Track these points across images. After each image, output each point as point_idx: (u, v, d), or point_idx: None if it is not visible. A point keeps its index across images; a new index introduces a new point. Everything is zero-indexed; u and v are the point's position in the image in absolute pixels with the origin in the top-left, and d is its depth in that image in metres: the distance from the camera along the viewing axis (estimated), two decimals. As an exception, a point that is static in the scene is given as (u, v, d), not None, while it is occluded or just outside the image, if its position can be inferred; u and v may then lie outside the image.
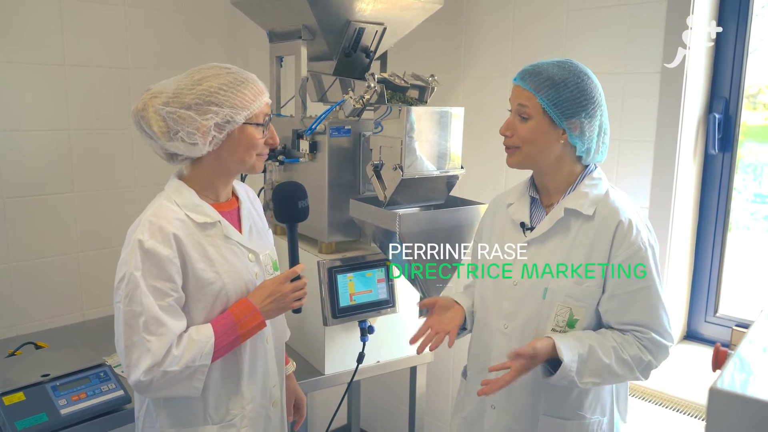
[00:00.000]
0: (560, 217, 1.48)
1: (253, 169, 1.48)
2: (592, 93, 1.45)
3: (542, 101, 1.43)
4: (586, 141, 1.47)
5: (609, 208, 1.46)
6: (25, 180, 2.17)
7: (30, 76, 2.15)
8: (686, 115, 2.07)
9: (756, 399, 0.66)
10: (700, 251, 2.25)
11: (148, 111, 1.37)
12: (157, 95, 1.38)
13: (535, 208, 1.57)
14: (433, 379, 2.46)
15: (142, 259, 1.33)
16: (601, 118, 1.48)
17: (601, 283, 1.45)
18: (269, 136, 1.47)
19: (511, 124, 1.50)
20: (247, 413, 1.50)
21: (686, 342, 2.29)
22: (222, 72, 1.40)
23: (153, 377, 1.32)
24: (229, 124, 1.38)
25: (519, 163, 1.52)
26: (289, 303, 1.50)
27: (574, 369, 1.38)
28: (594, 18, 2.20)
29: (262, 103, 1.42)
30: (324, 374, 2.05)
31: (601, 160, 1.54)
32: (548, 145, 1.47)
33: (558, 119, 1.43)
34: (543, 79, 1.44)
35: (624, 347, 1.43)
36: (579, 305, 1.46)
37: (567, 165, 1.51)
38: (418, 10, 2.16)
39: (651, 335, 1.44)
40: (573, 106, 1.43)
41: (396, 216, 1.80)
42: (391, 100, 1.92)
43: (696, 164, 2.18)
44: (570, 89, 1.43)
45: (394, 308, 2.08)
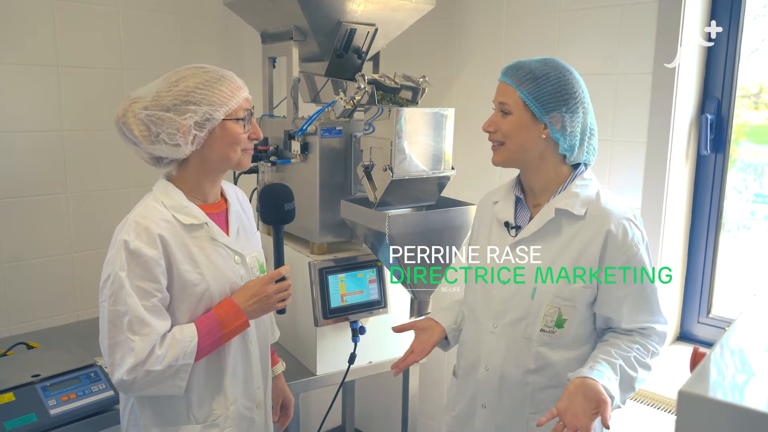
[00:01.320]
0: (551, 218, 1.48)
1: (240, 165, 1.48)
2: (574, 88, 1.46)
3: (523, 95, 1.44)
4: (568, 137, 1.46)
5: (600, 210, 1.46)
6: (18, 181, 2.17)
7: (23, 77, 2.15)
8: (678, 115, 2.06)
9: (723, 402, 0.67)
10: (693, 252, 2.25)
11: (128, 117, 1.38)
12: (136, 100, 1.39)
13: (519, 207, 1.57)
14: (426, 379, 2.46)
15: (128, 260, 1.33)
16: (585, 117, 1.48)
17: (592, 284, 1.45)
18: (252, 131, 1.47)
19: (493, 120, 1.51)
20: (230, 414, 1.51)
21: (679, 343, 2.29)
22: (198, 72, 1.40)
23: (136, 376, 1.33)
24: (209, 121, 1.38)
25: (504, 160, 1.52)
26: (273, 304, 1.51)
27: (617, 398, 1.37)
28: (586, 18, 2.20)
29: (240, 98, 1.42)
30: (316, 375, 2.06)
31: (589, 160, 1.54)
32: (530, 141, 1.47)
33: (539, 113, 1.44)
34: (524, 73, 1.45)
35: (640, 351, 1.46)
36: (567, 305, 1.46)
37: (551, 164, 1.51)
38: (409, 11, 2.16)
39: (654, 329, 1.48)
40: (553, 100, 1.43)
41: (385, 217, 1.80)
42: (382, 101, 1.92)
43: (689, 165, 2.17)
44: (551, 83, 1.43)
45: (386, 309, 2.09)
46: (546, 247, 1.49)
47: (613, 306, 1.47)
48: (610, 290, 1.46)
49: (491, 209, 1.62)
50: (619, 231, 1.44)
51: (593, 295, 1.47)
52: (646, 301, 1.48)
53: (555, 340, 1.47)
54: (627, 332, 1.49)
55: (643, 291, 1.47)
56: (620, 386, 1.40)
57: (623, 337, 1.48)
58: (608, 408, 1.30)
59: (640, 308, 1.47)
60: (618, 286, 1.45)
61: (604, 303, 1.47)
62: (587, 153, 1.52)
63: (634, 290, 1.46)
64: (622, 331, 1.49)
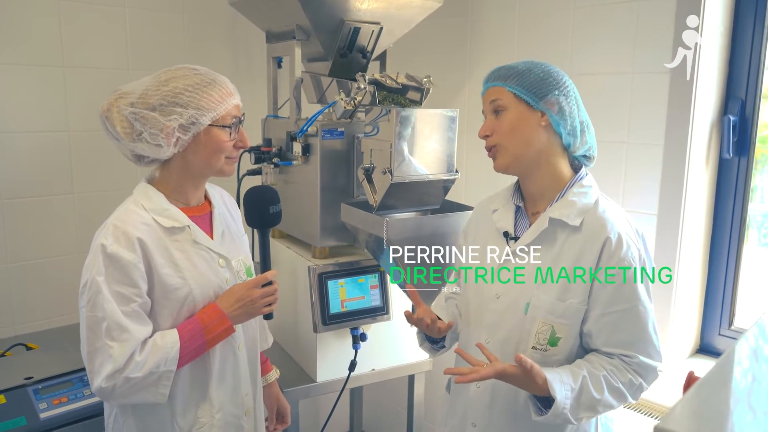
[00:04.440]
0: (545, 228, 1.40)
1: (222, 172, 1.44)
2: (560, 75, 1.42)
3: (513, 89, 1.39)
4: (568, 119, 1.39)
5: (597, 220, 1.38)
6: (23, 181, 2.17)
7: (29, 77, 2.15)
8: (698, 117, 1.95)
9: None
10: (714, 260, 2.13)
11: (112, 111, 1.35)
12: (123, 96, 1.36)
13: (519, 216, 1.50)
14: (432, 385, 2.39)
15: (105, 264, 1.30)
16: (578, 107, 1.42)
17: (585, 299, 1.37)
18: (238, 139, 1.43)
19: (488, 124, 1.44)
20: (216, 422, 1.47)
21: (699, 356, 2.17)
22: (189, 73, 1.37)
23: (115, 384, 1.30)
24: (194, 125, 1.35)
25: (506, 163, 1.44)
26: (259, 308, 1.47)
27: (567, 406, 1.30)
28: (601, 15, 2.10)
29: (229, 105, 1.38)
30: (316, 381, 2.01)
31: (591, 154, 1.47)
32: (531, 133, 1.40)
33: (533, 101, 1.38)
34: (506, 71, 1.41)
35: (614, 374, 1.35)
36: (561, 323, 1.37)
37: (554, 161, 1.43)
38: (416, 8, 2.10)
39: (639, 359, 1.36)
40: (544, 85, 1.38)
41: (383, 221, 1.74)
42: (384, 101, 1.86)
43: (709, 169, 2.06)
44: (536, 73, 1.39)
45: (388, 315, 2.03)
46: (540, 257, 1.41)
47: (595, 321, 1.37)
48: (596, 305, 1.36)
49: (489, 216, 1.55)
50: (614, 242, 1.35)
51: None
52: (633, 325, 1.36)
53: (547, 359, 1.38)
54: (608, 355, 1.38)
55: (631, 314, 1.35)
56: (579, 400, 1.31)
57: (603, 358, 1.38)
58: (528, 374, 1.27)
59: (623, 329, 1.36)
60: (603, 300, 1.35)
61: (588, 317, 1.37)
62: (587, 144, 1.44)
63: (620, 309, 1.35)
64: (603, 353, 1.39)
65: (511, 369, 1.30)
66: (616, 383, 1.34)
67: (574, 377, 1.32)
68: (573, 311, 1.37)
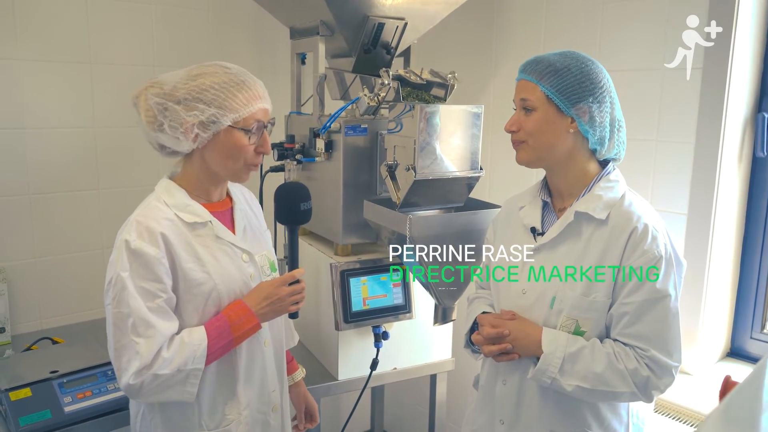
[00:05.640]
0: (570, 221, 1.38)
1: (237, 177, 1.43)
2: (599, 77, 1.36)
3: (546, 89, 1.34)
4: (598, 129, 1.36)
5: (624, 213, 1.35)
6: (50, 177, 2.20)
7: (56, 74, 2.17)
8: (731, 114, 1.90)
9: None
10: (747, 261, 2.08)
11: (140, 99, 1.36)
12: (155, 85, 1.36)
13: (547, 212, 1.48)
14: (454, 385, 2.37)
15: (129, 260, 1.30)
16: (613, 108, 1.38)
17: (610, 293, 1.34)
18: (260, 144, 1.40)
19: (515, 119, 1.41)
20: (243, 419, 1.46)
21: (729, 359, 2.12)
22: (220, 71, 1.36)
23: (143, 380, 1.29)
24: (214, 124, 1.34)
25: (528, 159, 1.42)
26: (286, 307, 1.46)
27: (557, 366, 1.30)
28: (631, 9, 2.06)
29: (254, 108, 1.37)
30: (338, 379, 2.00)
31: (618, 156, 1.44)
32: (557, 137, 1.37)
33: (564, 106, 1.34)
34: (544, 67, 1.36)
35: (620, 357, 1.32)
36: (586, 317, 1.36)
37: (580, 161, 1.40)
38: (441, 3, 2.07)
39: (652, 353, 1.31)
40: (579, 90, 1.33)
41: (406, 218, 1.72)
42: (408, 97, 1.84)
43: (742, 168, 2.00)
44: (573, 74, 1.34)
45: (411, 314, 2.01)
46: (567, 251, 1.39)
47: (615, 309, 1.34)
48: (618, 294, 1.33)
49: (517, 214, 1.52)
50: (640, 233, 1.32)
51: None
52: (653, 319, 1.32)
53: None
54: (624, 344, 1.34)
55: (652, 307, 1.31)
56: (573, 366, 1.31)
57: (617, 344, 1.35)
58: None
59: (642, 321, 1.32)
60: (626, 291, 1.32)
61: (611, 308, 1.35)
62: (617, 146, 1.41)
63: (641, 300, 1.31)
64: (621, 343, 1.35)
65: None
66: (619, 365, 1.31)
67: (572, 341, 1.32)
68: (598, 306, 1.35)
